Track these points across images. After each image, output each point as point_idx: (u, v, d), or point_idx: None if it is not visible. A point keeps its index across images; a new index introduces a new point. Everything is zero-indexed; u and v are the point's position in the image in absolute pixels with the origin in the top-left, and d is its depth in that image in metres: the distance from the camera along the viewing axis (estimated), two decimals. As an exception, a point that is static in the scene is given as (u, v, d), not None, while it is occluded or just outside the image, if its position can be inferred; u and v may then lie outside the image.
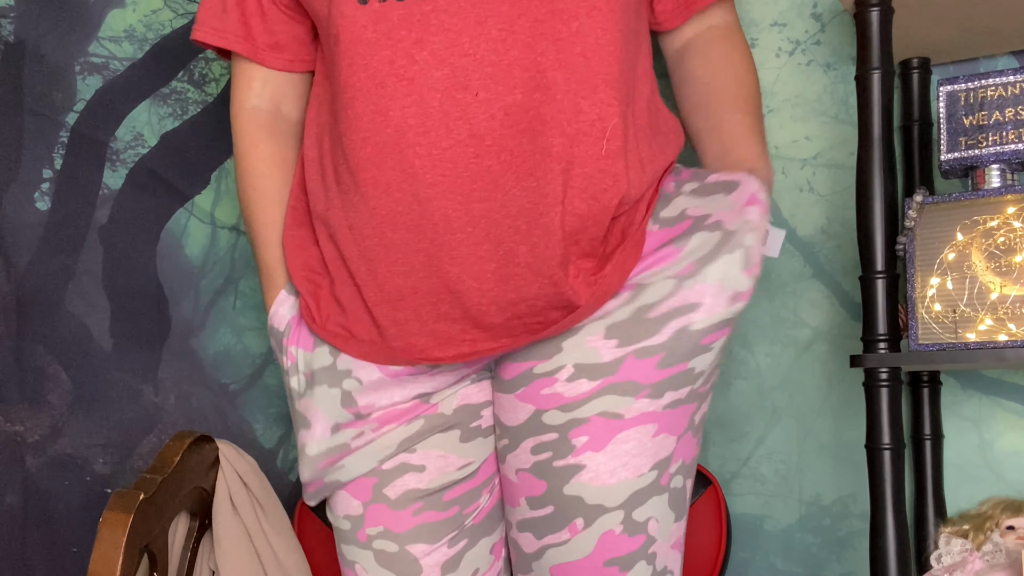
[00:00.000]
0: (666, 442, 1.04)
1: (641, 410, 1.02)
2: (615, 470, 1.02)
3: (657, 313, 1.03)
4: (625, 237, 1.07)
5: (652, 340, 1.03)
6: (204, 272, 1.70)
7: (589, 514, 1.03)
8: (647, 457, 1.03)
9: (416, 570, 1.13)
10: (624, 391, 1.02)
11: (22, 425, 1.71)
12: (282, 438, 1.67)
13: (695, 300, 1.03)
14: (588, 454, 1.02)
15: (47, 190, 1.72)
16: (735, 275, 1.04)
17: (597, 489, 1.02)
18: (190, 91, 1.70)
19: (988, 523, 1.18)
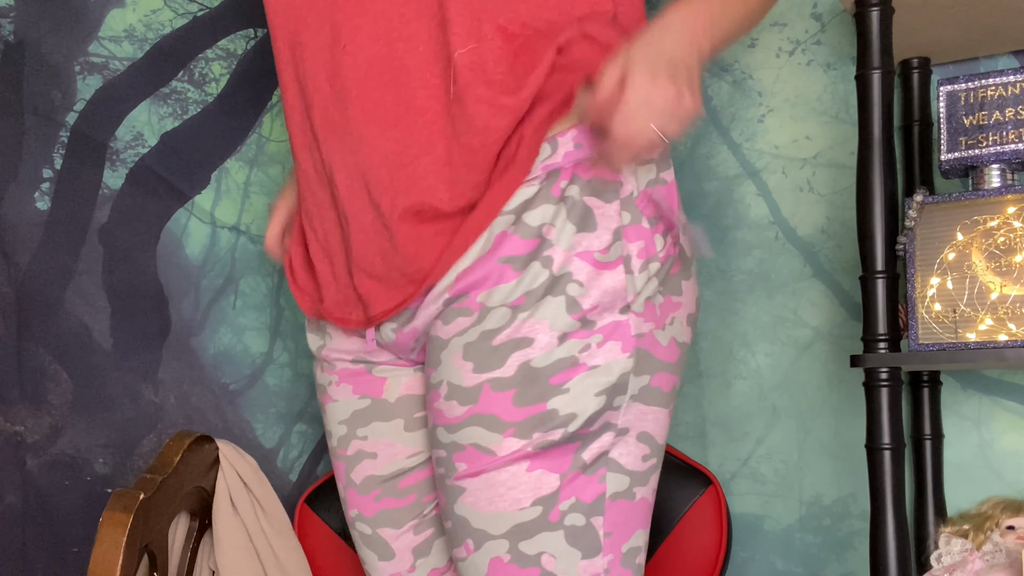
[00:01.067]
0: (546, 479, 1.00)
1: (511, 448, 1.01)
2: (492, 499, 1.02)
3: (499, 341, 1.02)
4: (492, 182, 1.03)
5: (502, 372, 1.01)
6: (204, 272, 1.70)
7: (476, 537, 1.03)
8: (525, 492, 1.01)
9: (389, 552, 1.19)
10: (491, 426, 1.02)
11: (22, 425, 1.71)
12: (282, 438, 1.67)
13: (528, 334, 1.01)
14: (467, 480, 1.03)
15: (47, 190, 1.72)
16: (559, 315, 1.01)
17: (478, 514, 1.03)
18: (190, 91, 1.70)
19: (988, 523, 1.18)
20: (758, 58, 1.44)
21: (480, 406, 1.02)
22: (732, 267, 1.44)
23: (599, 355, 1.01)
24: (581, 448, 1.01)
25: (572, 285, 1.01)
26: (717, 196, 1.45)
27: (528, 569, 1.01)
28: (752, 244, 1.43)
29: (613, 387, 1.01)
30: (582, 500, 1.02)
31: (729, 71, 1.45)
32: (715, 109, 1.46)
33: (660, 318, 1.05)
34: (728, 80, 1.45)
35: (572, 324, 1.01)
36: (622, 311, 1.02)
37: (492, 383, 1.02)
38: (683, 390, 1.46)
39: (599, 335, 1.01)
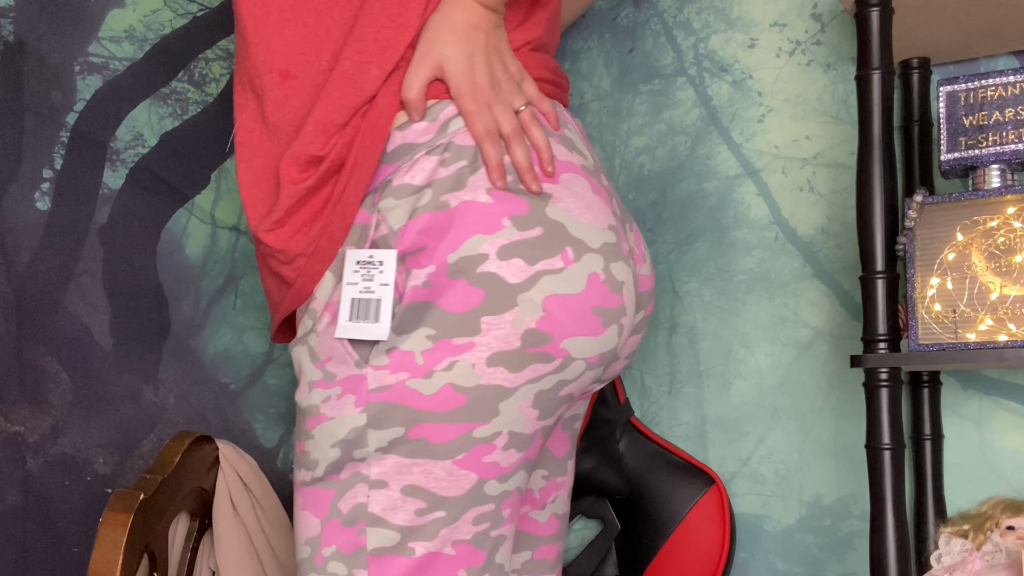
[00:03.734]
0: (310, 521, 0.99)
1: (295, 477, 1.02)
2: (295, 527, 1.04)
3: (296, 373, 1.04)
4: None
5: (299, 402, 1.02)
6: (204, 272, 1.70)
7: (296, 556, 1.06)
8: (301, 528, 1.01)
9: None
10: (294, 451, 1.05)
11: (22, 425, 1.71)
12: (282, 438, 1.67)
13: (299, 375, 1.01)
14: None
15: (47, 190, 1.72)
16: (307, 364, 0.99)
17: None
18: (190, 91, 1.70)
19: (988, 523, 1.18)
20: (758, 58, 1.44)
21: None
22: (732, 267, 1.44)
23: (335, 408, 0.97)
24: (337, 497, 0.98)
25: (312, 336, 0.99)
26: (717, 196, 1.45)
27: None
28: (752, 244, 1.43)
29: (345, 442, 0.97)
30: (341, 550, 0.98)
31: (729, 71, 1.45)
32: (715, 109, 1.46)
33: (421, 366, 0.94)
34: (728, 80, 1.45)
35: (316, 373, 0.99)
36: (357, 365, 0.96)
37: (297, 412, 1.04)
38: (683, 390, 1.46)
39: (338, 387, 0.97)
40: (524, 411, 0.97)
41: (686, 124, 1.48)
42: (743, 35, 1.44)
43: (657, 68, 1.50)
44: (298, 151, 0.97)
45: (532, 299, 0.93)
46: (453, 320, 0.93)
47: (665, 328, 1.47)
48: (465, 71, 0.97)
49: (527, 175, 0.96)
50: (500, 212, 0.94)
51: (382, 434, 0.95)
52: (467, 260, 0.93)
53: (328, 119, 0.96)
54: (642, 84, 1.50)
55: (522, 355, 0.94)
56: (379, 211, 0.96)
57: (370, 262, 0.95)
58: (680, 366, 1.46)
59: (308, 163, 0.97)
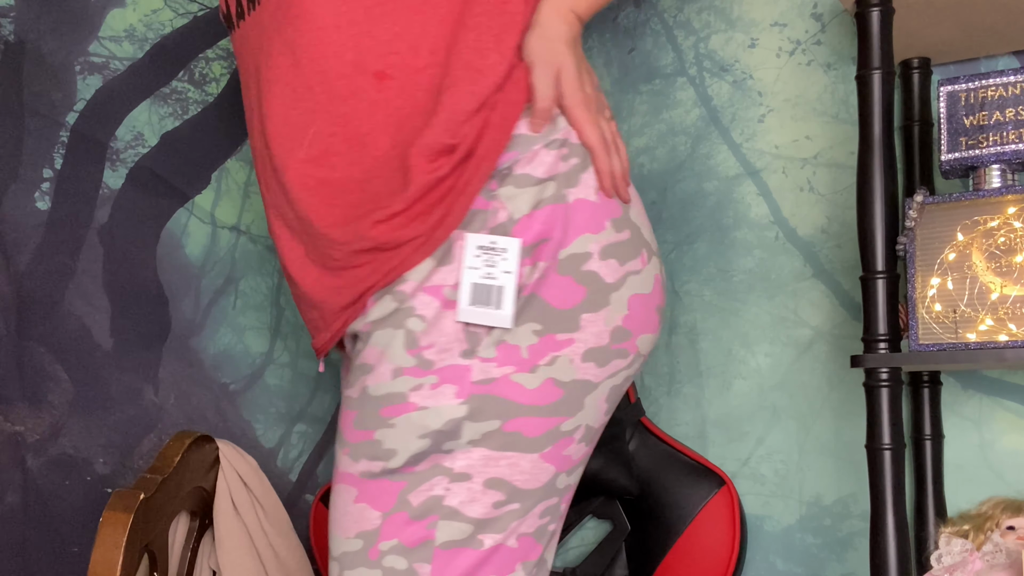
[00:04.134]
0: (368, 514, 0.97)
1: (344, 468, 0.99)
2: (333, 519, 1.01)
3: (355, 363, 1.01)
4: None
5: (351, 392, 1.00)
6: (204, 272, 1.70)
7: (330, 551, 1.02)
8: (351, 521, 0.98)
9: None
10: (339, 439, 1.01)
11: (22, 425, 1.71)
12: (282, 438, 1.67)
13: (369, 361, 0.99)
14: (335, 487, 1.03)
15: (47, 190, 1.72)
16: (397, 349, 0.97)
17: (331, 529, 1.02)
18: (190, 91, 1.70)
19: (988, 523, 1.18)
20: (758, 58, 1.44)
21: (340, 418, 1.03)
22: (732, 267, 1.44)
23: (429, 398, 0.96)
24: (408, 489, 0.97)
25: (413, 320, 0.97)
26: (717, 196, 1.45)
27: None
28: (752, 244, 1.43)
29: (439, 433, 0.96)
30: (404, 543, 0.97)
31: (729, 71, 1.45)
32: (715, 109, 1.46)
33: (526, 360, 0.97)
34: (728, 80, 1.45)
35: (407, 360, 0.97)
36: (464, 355, 0.96)
37: (345, 400, 1.02)
38: (683, 390, 1.46)
39: (434, 376, 0.96)
40: (600, 405, 1.01)
41: (686, 124, 1.48)
42: (743, 35, 1.45)
43: (657, 68, 1.50)
44: (430, 141, 0.96)
45: (621, 298, 0.99)
46: (557, 316, 0.97)
47: (665, 328, 1.47)
48: (577, 81, 1.02)
49: (623, 182, 1.03)
50: (604, 213, 0.99)
51: (477, 427, 0.96)
52: (575, 258, 0.97)
53: (458, 108, 0.97)
54: (642, 84, 1.50)
55: (608, 351, 0.99)
56: (498, 198, 0.98)
57: (492, 248, 0.96)
58: (680, 366, 1.46)
59: (439, 152, 0.97)
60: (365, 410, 0.98)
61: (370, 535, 0.97)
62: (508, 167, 0.98)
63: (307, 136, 1.00)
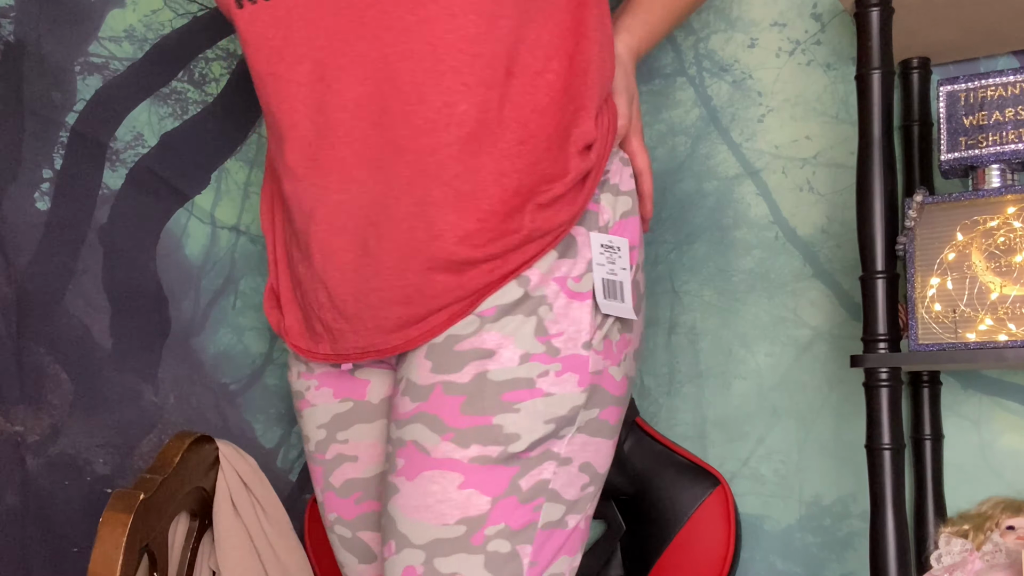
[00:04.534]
0: (476, 500, 0.98)
1: (446, 454, 0.99)
2: (418, 508, 0.99)
3: (461, 348, 1.01)
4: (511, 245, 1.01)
5: (456, 377, 1.00)
6: (204, 272, 1.70)
7: (399, 540, 1.01)
8: (452, 508, 0.98)
9: (371, 555, 1.17)
10: (433, 426, 1.00)
11: (22, 425, 1.71)
12: (282, 438, 1.67)
13: (491, 346, 1.00)
14: (402, 479, 1.01)
15: (47, 190, 1.72)
16: (527, 335, 1.00)
17: (404, 519, 1.00)
18: (190, 91, 1.70)
19: (988, 523, 1.18)
20: (758, 58, 1.44)
21: (428, 405, 1.01)
22: (732, 267, 1.44)
23: (556, 384, 1.00)
24: (520, 474, 0.99)
25: (544, 308, 1.00)
26: (717, 196, 1.45)
27: None
28: (752, 244, 1.43)
29: (563, 419, 1.00)
30: (511, 527, 0.98)
31: (729, 71, 1.45)
32: (715, 109, 1.46)
33: (616, 355, 1.06)
34: (728, 80, 1.45)
35: (537, 347, 0.99)
36: (584, 346, 1.02)
37: (445, 386, 1.00)
38: (683, 390, 1.46)
39: (559, 364, 1.00)
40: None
41: (686, 124, 1.48)
42: (743, 35, 1.44)
43: (657, 68, 1.50)
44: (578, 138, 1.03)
45: (640, 306, 1.10)
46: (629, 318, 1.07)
47: (665, 328, 1.47)
48: (638, 112, 1.14)
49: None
50: (641, 231, 1.12)
51: (585, 414, 1.02)
52: (636, 267, 1.08)
53: (593, 107, 1.04)
54: (642, 84, 1.50)
55: (638, 351, 1.13)
56: (600, 202, 1.06)
57: (611, 247, 1.04)
58: (680, 366, 1.46)
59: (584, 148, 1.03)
60: (481, 394, 0.99)
61: (476, 520, 0.98)
62: (607, 176, 1.08)
63: (465, 117, 0.99)
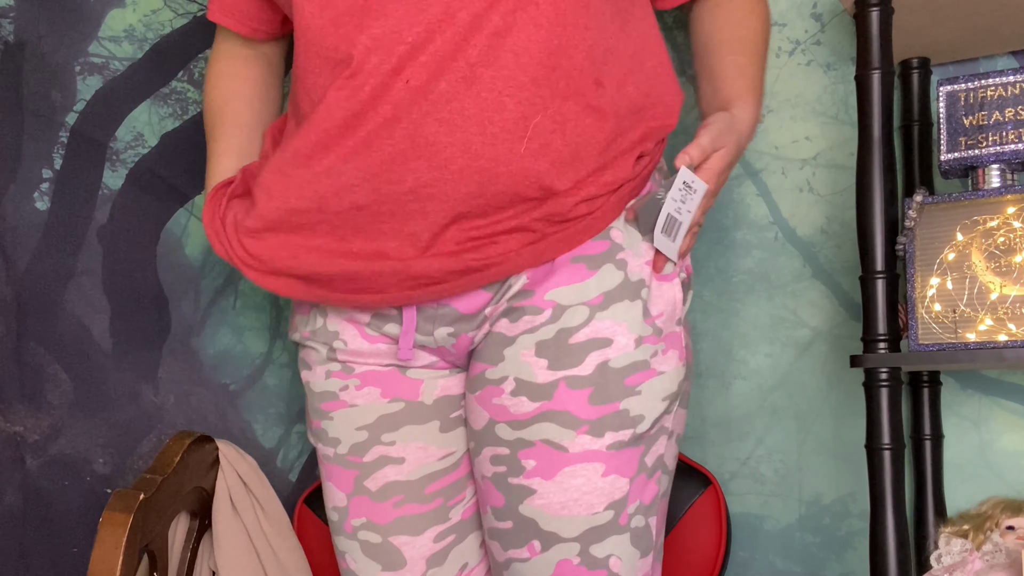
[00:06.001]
0: (618, 484, 1.03)
1: (584, 447, 1.02)
2: (566, 503, 1.03)
3: (577, 340, 1.04)
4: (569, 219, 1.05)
5: (579, 371, 1.03)
6: (204, 272, 1.70)
7: (545, 539, 1.04)
8: (599, 496, 1.03)
9: (400, 561, 1.15)
10: (564, 422, 1.03)
11: (22, 425, 1.71)
12: (282, 438, 1.67)
13: (608, 335, 1.04)
14: (538, 480, 1.03)
15: (47, 190, 1.72)
16: (636, 319, 1.04)
17: (550, 518, 1.03)
18: (190, 91, 1.70)
19: (988, 523, 1.18)
20: (758, 58, 1.44)
21: (554, 403, 1.03)
22: (732, 267, 1.44)
23: (665, 362, 1.06)
24: (645, 452, 1.05)
25: (645, 291, 1.05)
26: (717, 196, 1.45)
27: (597, 571, 1.03)
28: (752, 244, 1.43)
29: (674, 394, 1.07)
30: (644, 502, 1.06)
31: (729, 71, 1.45)
32: (715, 109, 1.46)
33: (688, 327, 1.14)
34: (728, 80, 1.45)
35: (646, 329, 1.05)
36: (678, 323, 1.09)
37: (568, 380, 1.03)
38: (683, 390, 1.46)
39: (663, 343, 1.06)
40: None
41: (686, 124, 1.48)
42: (743, 35, 1.45)
43: (657, 68, 1.50)
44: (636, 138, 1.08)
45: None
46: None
47: (665, 328, 1.47)
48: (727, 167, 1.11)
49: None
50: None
51: (686, 387, 1.11)
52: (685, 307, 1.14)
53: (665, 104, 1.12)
54: (642, 84, 1.50)
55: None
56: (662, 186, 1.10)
57: (690, 187, 1.04)
58: (680, 366, 1.46)
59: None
60: (606, 383, 1.03)
61: (620, 503, 1.04)
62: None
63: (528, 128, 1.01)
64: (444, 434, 1.16)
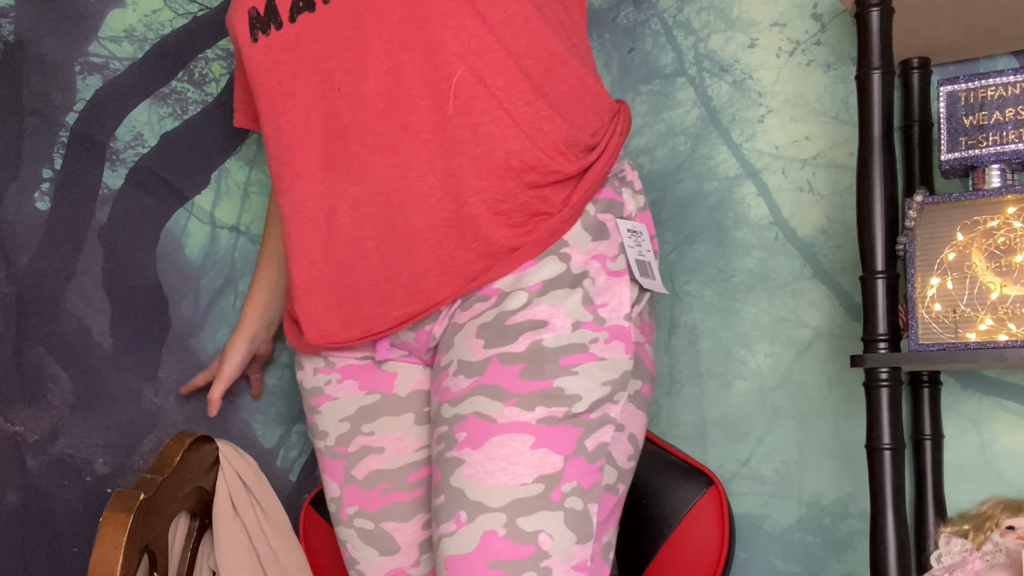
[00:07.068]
0: (550, 458, 1.03)
1: (512, 418, 1.04)
2: (492, 472, 1.03)
3: (513, 321, 1.07)
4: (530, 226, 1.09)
5: (512, 348, 1.06)
6: (204, 272, 1.70)
7: (471, 509, 1.04)
8: (527, 467, 1.03)
9: (393, 546, 1.21)
10: (494, 395, 1.05)
11: (22, 425, 1.71)
12: (282, 438, 1.67)
13: (544, 317, 1.07)
14: (467, 450, 1.05)
15: (47, 190, 1.72)
16: (575, 306, 1.07)
17: (477, 486, 1.04)
18: (190, 91, 1.70)
19: (988, 523, 1.18)
20: (758, 58, 1.44)
21: (486, 378, 1.06)
22: (732, 267, 1.44)
23: (607, 351, 1.07)
24: (584, 435, 1.05)
25: (588, 282, 1.08)
26: (717, 196, 1.45)
27: (523, 546, 1.02)
28: (752, 244, 1.43)
29: (616, 382, 1.07)
30: (582, 485, 1.05)
31: (729, 71, 1.45)
32: (715, 109, 1.46)
33: (648, 334, 1.15)
34: (728, 80, 1.45)
35: (586, 315, 1.07)
36: (625, 318, 1.09)
37: (501, 357, 1.06)
38: (683, 390, 1.46)
39: (607, 333, 1.07)
40: None
41: (686, 124, 1.48)
42: (743, 35, 1.45)
43: (657, 68, 1.50)
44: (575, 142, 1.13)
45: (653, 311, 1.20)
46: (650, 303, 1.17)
47: (665, 329, 1.47)
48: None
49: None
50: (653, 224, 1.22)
51: (632, 383, 1.10)
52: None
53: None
54: (642, 84, 1.50)
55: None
56: (622, 194, 1.15)
57: (635, 231, 1.14)
58: (680, 367, 1.46)
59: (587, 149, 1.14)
60: (540, 361, 1.05)
61: (552, 478, 1.03)
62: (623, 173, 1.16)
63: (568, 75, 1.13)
64: (419, 427, 1.21)
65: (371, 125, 1.08)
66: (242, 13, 1.19)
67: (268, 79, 1.17)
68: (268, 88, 1.17)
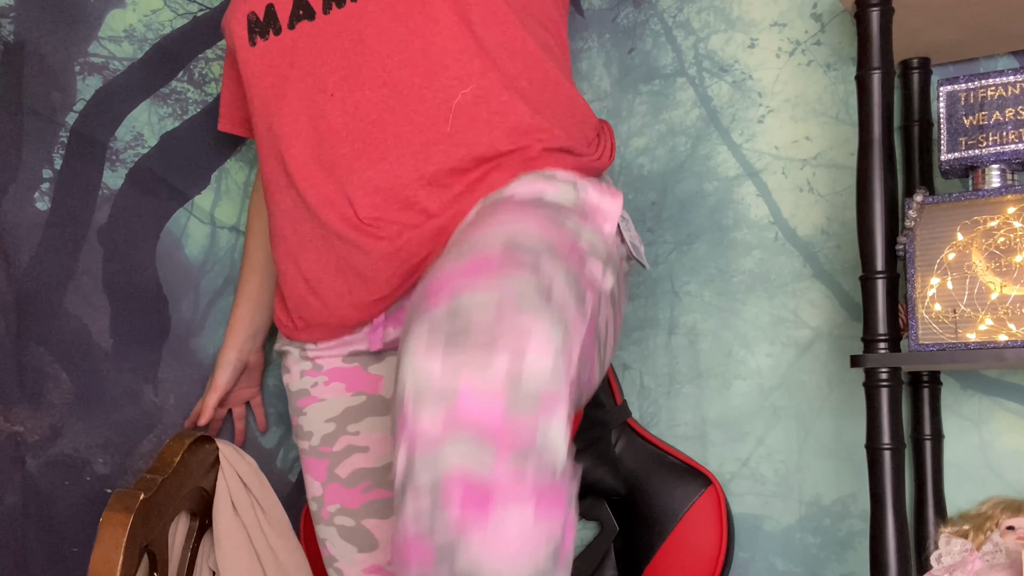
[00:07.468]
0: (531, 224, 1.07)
1: (508, 211, 1.07)
2: (491, 223, 1.10)
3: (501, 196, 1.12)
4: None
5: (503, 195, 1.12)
6: (204, 272, 1.70)
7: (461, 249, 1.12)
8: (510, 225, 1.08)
9: (373, 543, 1.23)
10: (480, 220, 1.09)
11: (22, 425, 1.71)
12: (282, 438, 1.67)
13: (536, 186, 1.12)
14: (453, 244, 1.10)
15: (47, 190, 1.72)
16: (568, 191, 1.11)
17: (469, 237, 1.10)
18: (190, 91, 1.70)
19: (988, 523, 1.18)
20: (758, 58, 1.44)
21: (472, 223, 1.10)
22: (732, 267, 1.44)
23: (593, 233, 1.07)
24: (571, 230, 1.04)
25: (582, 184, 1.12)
26: (717, 196, 1.45)
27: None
28: (752, 244, 1.43)
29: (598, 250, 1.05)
30: (566, 262, 1.06)
31: (729, 71, 1.45)
32: (715, 109, 1.46)
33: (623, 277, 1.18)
34: (728, 80, 1.45)
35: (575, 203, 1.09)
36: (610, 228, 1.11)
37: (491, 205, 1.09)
38: (683, 390, 1.46)
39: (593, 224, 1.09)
40: None
41: (686, 124, 1.48)
42: (743, 35, 1.45)
43: (657, 68, 1.50)
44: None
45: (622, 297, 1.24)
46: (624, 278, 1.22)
47: (665, 329, 1.47)
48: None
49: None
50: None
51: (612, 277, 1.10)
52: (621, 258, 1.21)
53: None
54: (642, 84, 1.50)
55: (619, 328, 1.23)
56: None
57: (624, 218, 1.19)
58: (680, 367, 1.46)
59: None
60: (539, 202, 1.07)
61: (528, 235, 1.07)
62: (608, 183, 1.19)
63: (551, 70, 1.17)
64: None
65: (362, 132, 1.12)
66: (240, 17, 1.22)
67: (261, 81, 1.21)
68: (261, 90, 1.21)
